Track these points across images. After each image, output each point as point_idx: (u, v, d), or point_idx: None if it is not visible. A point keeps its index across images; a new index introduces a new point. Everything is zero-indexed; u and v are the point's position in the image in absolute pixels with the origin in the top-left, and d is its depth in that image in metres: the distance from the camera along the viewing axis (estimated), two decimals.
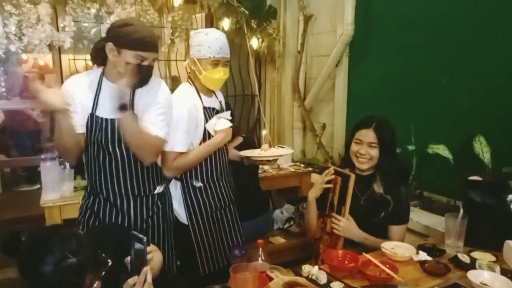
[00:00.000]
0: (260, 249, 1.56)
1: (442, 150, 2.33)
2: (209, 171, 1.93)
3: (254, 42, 3.48)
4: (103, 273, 1.09)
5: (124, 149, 1.63)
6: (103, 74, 1.64)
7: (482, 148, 2.19)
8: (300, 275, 1.37)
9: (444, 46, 2.41)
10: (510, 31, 2.10)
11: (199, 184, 1.90)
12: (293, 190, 3.19)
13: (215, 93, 2.01)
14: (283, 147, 3.36)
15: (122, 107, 1.46)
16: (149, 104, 1.63)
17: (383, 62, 2.84)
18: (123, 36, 1.52)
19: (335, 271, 1.42)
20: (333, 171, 1.79)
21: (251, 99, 3.95)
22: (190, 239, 1.91)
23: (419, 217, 2.28)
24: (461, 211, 1.60)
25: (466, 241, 1.60)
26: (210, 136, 1.87)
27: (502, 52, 2.14)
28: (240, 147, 2.34)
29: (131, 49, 1.53)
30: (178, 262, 1.94)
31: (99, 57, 1.69)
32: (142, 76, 1.59)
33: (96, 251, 1.08)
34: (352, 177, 1.69)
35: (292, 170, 3.16)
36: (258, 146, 2.15)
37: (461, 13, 2.32)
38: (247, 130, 3.91)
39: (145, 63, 1.57)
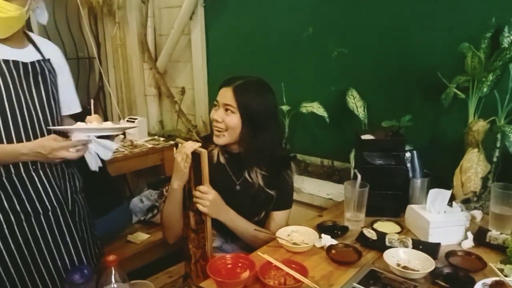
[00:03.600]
0: (113, 269, 1.06)
1: (316, 108, 2.12)
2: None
3: None
4: None
5: None
6: None
7: (355, 103, 2.03)
8: None
9: None
10: None
11: None
12: (153, 171, 2.66)
13: (35, 45, 1.35)
14: (135, 119, 2.79)
15: None
16: None
17: (244, 11, 2.47)
18: None
19: None
20: (198, 144, 1.29)
21: (89, 63, 3.18)
22: None
23: (300, 184, 2.04)
24: (359, 177, 1.35)
25: (366, 210, 1.38)
26: (1, 104, 1.23)
27: None
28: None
29: None
30: None
31: None
32: None
33: None
34: (204, 153, 1.23)
35: (150, 146, 2.61)
36: (105, 118, 1.56)
37: None
38: (87, 102, 3.15)
39: None
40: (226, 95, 1.31)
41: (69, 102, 1.49)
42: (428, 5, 1.77)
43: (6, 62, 1.23)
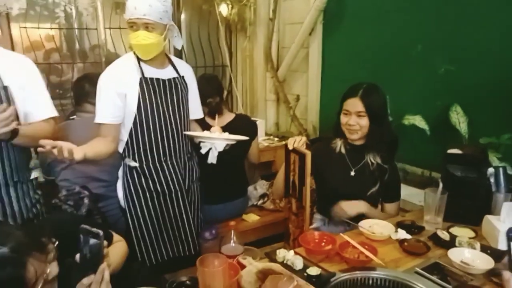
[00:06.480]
0: (233, 232, 1.46)
1: (418, 121, 2.26)
2: (148, 151, 1.75)
3: (224, 9, 3.29)
4: (53, 258, 0.96)
5: None
6: None
7: (458, 118, 2.12)
8: (274, 260, 1.28)
9: (420, 11, 2.30)
10: None
11: (134, 164, 1.75)
12: (266, 165, 3.08)
13: (173, 65, 1.81)
14: (256, 121, 3.25)
15: None
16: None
17: (358, 29, 2.71)
18: None
19: (312, 255, 1.33)
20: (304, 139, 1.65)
21: (222, 70, 3.76)
22: (128, 224, 1.81)
23: None
24: (440, 185, 1.53)
25: (445, 216, 1.55)
26: (145, 109, 1.69)
27: (478, 19, 2.04)
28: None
29: None
30: None
31: None
32: None
33: (34, 235, 0.95)
34: (308, 155, 1.55)
35: (266, 144, 3.04)
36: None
37: None
38: None
39: None
40: (356, 104, 1.65)
41: (194, 109, 1.93)
42: None
43: (151, 79, 1.70)
